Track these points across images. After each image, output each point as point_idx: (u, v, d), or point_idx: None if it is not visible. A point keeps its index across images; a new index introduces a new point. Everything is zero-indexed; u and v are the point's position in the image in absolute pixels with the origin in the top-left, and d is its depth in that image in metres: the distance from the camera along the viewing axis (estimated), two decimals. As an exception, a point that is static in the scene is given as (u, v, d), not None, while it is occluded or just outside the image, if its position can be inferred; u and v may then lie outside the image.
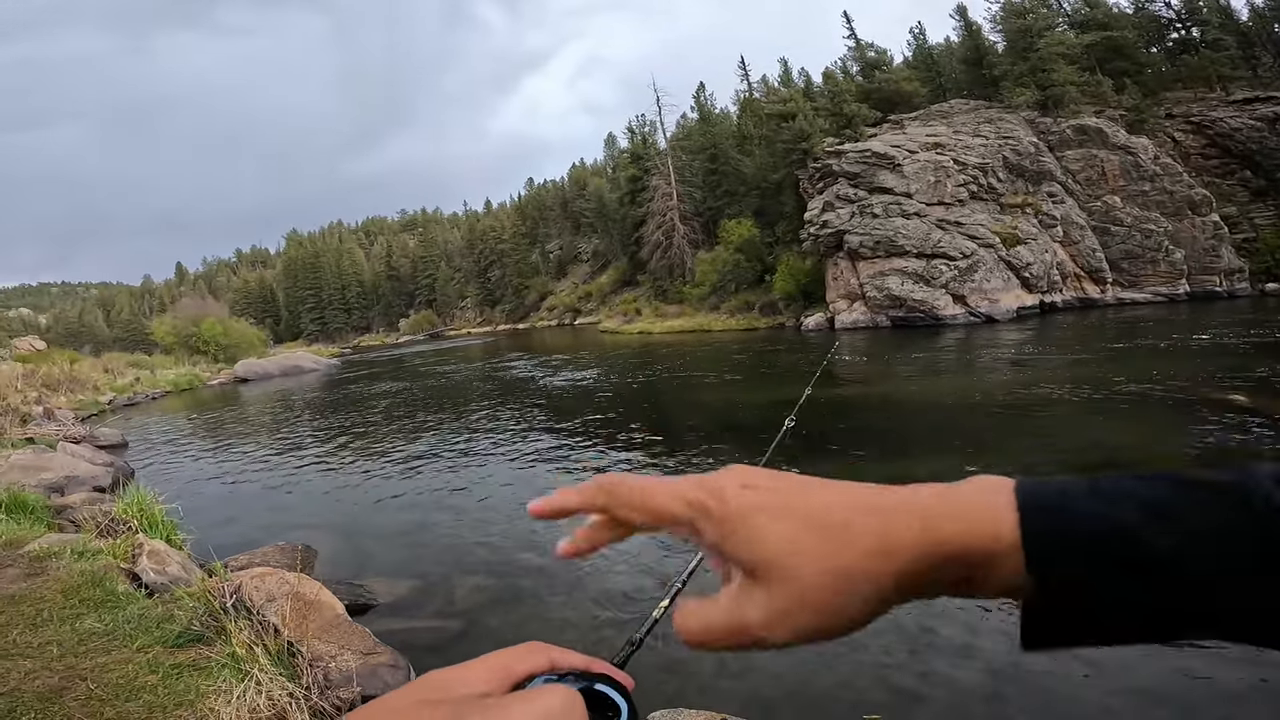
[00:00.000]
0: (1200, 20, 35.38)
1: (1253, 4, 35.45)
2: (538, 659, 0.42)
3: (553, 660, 0.43)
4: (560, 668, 0.43)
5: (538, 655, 0.43)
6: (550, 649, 0.44)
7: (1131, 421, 8.46)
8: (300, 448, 12.19)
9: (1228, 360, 11.66)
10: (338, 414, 16.55)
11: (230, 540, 6.45)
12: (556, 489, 0.43)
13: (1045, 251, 25.92)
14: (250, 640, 3.32)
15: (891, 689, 3.55)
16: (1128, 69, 34.07)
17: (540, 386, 17.89)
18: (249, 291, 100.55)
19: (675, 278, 44.03)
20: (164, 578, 4.51)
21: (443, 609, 5.03)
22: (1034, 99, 31.28)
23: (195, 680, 3.13)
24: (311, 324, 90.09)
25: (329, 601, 4.23)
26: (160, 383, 28.53)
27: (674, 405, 13.64)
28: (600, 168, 79.35)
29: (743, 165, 41.05)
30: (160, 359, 36.79)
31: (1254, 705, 3.21)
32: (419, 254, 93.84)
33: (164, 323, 43.34)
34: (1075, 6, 38.20)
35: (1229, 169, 28.29)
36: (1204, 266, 25.58)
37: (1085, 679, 3.47)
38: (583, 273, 69.04)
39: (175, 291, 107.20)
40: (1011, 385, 11.76)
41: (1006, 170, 27.91)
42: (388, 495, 8.39)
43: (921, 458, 7.87)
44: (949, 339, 20.11)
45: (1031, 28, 32.83)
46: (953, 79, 40.95)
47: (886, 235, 25.79)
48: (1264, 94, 28.83)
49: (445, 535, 6.65)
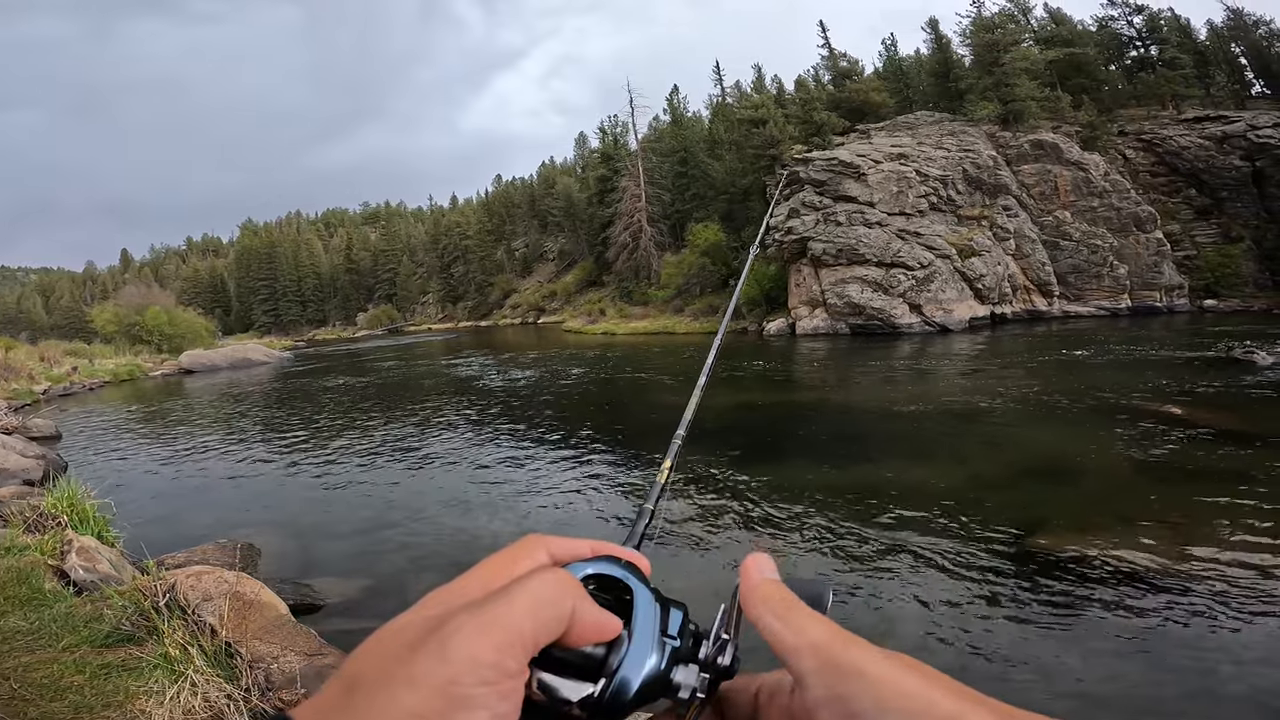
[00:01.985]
0: (1160, 39, 36.59)
1: (1211, 23, 36.92)
2: (537, 554, 0.40)
3: (551, 552, 0.40)
4: (561, 559, 0.40)
5: (536, 550, 0.40)
6: (549, 540, 0.41)
7: (1075, 430, 8.77)
8: (246, 443, 11.77)
9: (1165, 374, 12.20)
10: (288, 409, 16.05)
11: (168, 538, 6.17)
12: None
13: (998, 264, 26.71)
14: (184, 640, 3.17)
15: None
16: (1087, 85, 35.13)
17: (500, 384, 17.67)
18: (198, 281, 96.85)
19: (641, 279, 44.06)
20: (94, 575, 4.28)
21: (396, 609, 4.64)
22: (996, 113, 32.12)
23: (125, 681, 3.03)
24: (264, 315, 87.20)
25: (271, 601, 4.07)
26: (99, 373, 27.38)
27: (632, 406, 13.62)
28: (570, 167, 79.05)
29: (712, 169, 41.33)
30: (100, 348, 35.19)
31: (1197, 705, 3.33)
32: (380, 247, 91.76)
33: (105, 310, 41.37)
34: (1042, 22, 39.34)
35: (1175, 187, 29.45)
36: (1146, 282, 26.69)
37: (1032, 682, 3.56)
38: (548, 271, 68.54)
39: (119, 279, 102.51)
40: (964, 394, 12.08)
41: (965, 183, 28.67)
42: (338, 492, 8.15)
43: (878, 463, 8.01)
44: (905, 348, 20.57)
45: (999, 42, 33.63)
46: (920, 90, 41.87)
47: (849, 243, 26.23)
48: (1214, 112, 30.01)
49: (399, 534, 6.48)
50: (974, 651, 3.85)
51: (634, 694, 0.37)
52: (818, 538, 5.69)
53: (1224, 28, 36.29)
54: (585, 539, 0.42)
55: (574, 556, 0.41)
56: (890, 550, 5.31)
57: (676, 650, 0.39)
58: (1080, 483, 6.75)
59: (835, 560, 5.23)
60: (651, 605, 0.40)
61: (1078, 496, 6.34)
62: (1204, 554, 4.80)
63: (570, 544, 0.41)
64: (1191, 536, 5.10)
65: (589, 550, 0.41)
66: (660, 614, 0.40)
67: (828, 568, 5.10)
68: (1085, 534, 5.24)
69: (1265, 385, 10.49)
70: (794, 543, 5.65)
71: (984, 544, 5.26)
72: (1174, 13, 37.91)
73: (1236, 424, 8.22)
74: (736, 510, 6.50)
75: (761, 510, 6.43)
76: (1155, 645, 3.79)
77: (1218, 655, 3.65)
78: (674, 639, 0.39)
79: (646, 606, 0.40)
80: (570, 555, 0.41)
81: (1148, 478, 6.59)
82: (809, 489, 6.90)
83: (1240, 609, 4.07)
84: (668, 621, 0.40)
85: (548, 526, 6.52)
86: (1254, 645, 3.71)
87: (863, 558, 5.23)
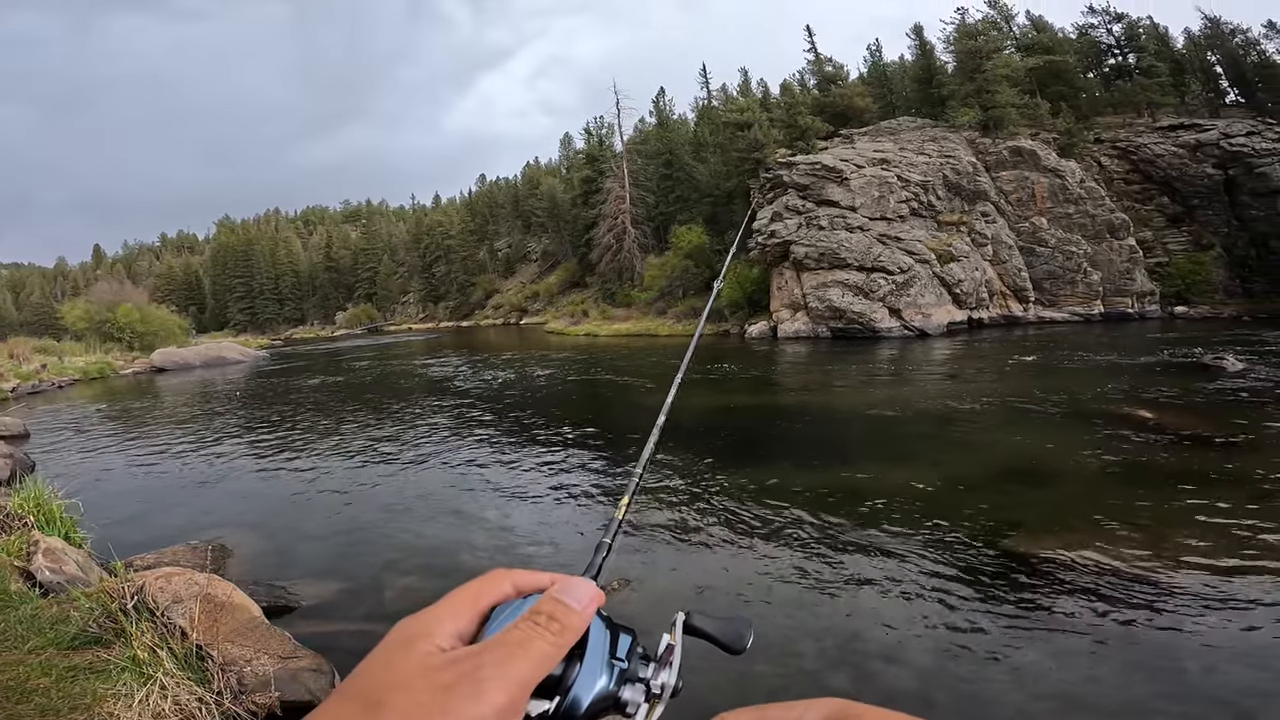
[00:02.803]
0: (1138, 47, 37.08)
1: (1189, 32, 37.30)
2: (502, 586, 0.44)
3: (516, 585, 0.44)
4: (524, 590, 0.44)
5: (501, 583, 0.44)
6: (513, 573, 0.45)
7: (1049, 434, 8.92)
8: (219, 443, 11.56)
9: (1137, 379, 12.45)
10: (262, 408, 15.80)
11: (137, 539, 6.04)
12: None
13: (976, 269, 27.08)
14: (154, 643, 3.11)
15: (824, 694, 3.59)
16: (1065, 93, 35.57)
17: (478, 385, 17.56)
18: (172, 278, 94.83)
19: (624, 281, 43.99)
20: (60, 577, 4.18)
21: (372, 611, 4.83)
22: (977, 119, 32.50)
23: (92, 683, 2.97)
24: (240, 314, 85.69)
25: (243, 604, 4.00)
26: (69, 370, 26.83)
27: (614, 407, 13.61)
28: (555, 167, 78.61)
29: (697, 172, 41.41)
30: (71, 345, 34.39)
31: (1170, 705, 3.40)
32: (361, 246, 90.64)
33: (76, 307, 40.38)
34: (1024, 30, 39.76)
35: (1149, 194, 29.98)
36: (1118, 288, 27.21)
37: (1008, 684, 3.61)
38: (531, 272, 68.19)
39: (92, 275, 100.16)
40: (941, 398, 12.23)
41: (946, 188, 29.03)
42: (314, 493, 8.03)
43: (857, 465, 8.08)
44: (885, 351, 20.78)
45: (981, 49, 33.99)
46: (903, 96, 42.22)
47: (830, 247, 26.44)
48: (1188, 120, 30.56)
49: (376, 535, 6.41)
50: (951, 653, 3.89)
51: (584, 711, 0.41)
52: (794, 539, 5.72)
53: (1200, 36, 36.64)
54: (547, 572, 0.46)
55: (535, 588, 0.45)
56: (868, 553, 5.36)
57: (624, 671, 0.44)
58: (1054, 485, 6.86)
59: (812, 562, 5.26)
60: (602, 631, 0.45)
61: (1052, 499, 6.45)
62: (1173, 556, 4.90)
63: (532, 577, 0.46)
64: (1161, 539, 5.21)
65: (549, 583, 0.45)
66: (610, 639, 0.45)
67: (805, 570, 5.13)
68: (1059, 536, 5.33)
69: (1233, 391, 10.74)
70: (772, 544, 5.68)
71: (961, 547, 5.32)
72: (1153, 21, 38.32)
73: (1205, 428, 8.41)
74: (711, 510, 6.52)
75: (737, 512, 6.45)
76: (1129, 646, 3.85)
77: (1188, 655, 3.73)
78: (622, 661, 0.44)
79: (597, 632, 0.45)
80: (532, 587, 0.45)
81: (1119, 481, 6.72)
82: (787, 491, 6.94)
83: (1208, 609, 4.16)
84: (617, 645, 0.45)
85: (523, 528, 6.49)
86: (1223, 645, 3.79)
87: (840, 560, 5.27)
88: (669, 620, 0.50)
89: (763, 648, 4.04)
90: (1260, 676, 3.50)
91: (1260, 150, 27.02)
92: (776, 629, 4.28)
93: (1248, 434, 7.98)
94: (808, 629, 4.27)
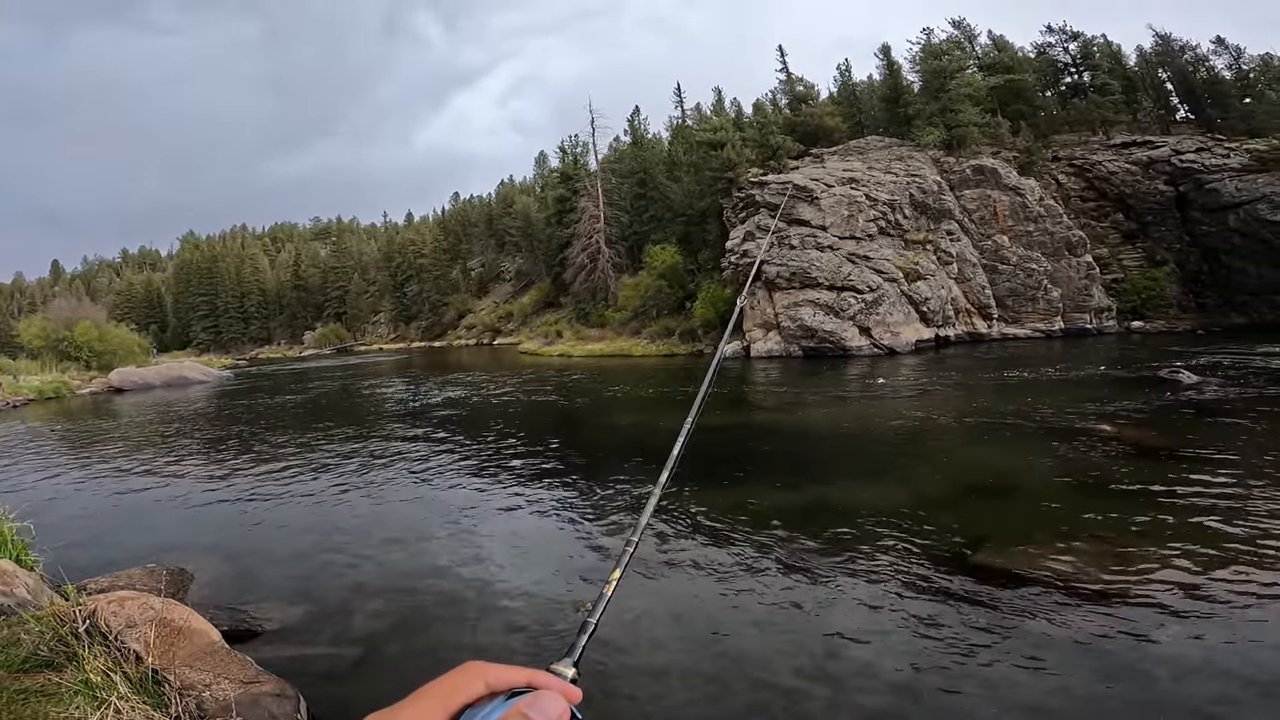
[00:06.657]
0: (1092, 65, 38.26)
1: (1141, 49, 38.55)
2: (474, 685, 0.42)
3: (489, 683, 0.43)
4: (497, 688, 0.43)
5: (474, 681, 0.43)
6: (486, 670, 0.43)
7: (1013, 448, 9.12)
8: (179, 464, 11.23)
9: (1097, 393, 12.81)
10: (224, 429, 15.40)
11: (92, 561, 5.82)
12: None
13: (942, 288, 27.70)
14: (107, 667, 2.98)
15: (800, 715, 3.58)
16: (1024, 111, 36.64)
17: (450, 407, 17.36)
18: (133, 295, 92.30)
19: (598, 301, 43.99)
20: (11, 600, 4.01)
21: (339, 635, 4.70)
22: (941, 139, 33.34)
23: (44, 706, 2.88)
24: (203, 333, 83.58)
25: (201, 628, 3.87)
26: (23, 389, 26.06)
27: (587, 429, 13.55)
28: (529, 186, 78.60)
29: (670, 191, 41.74)
30: (26, 364, 33.19)
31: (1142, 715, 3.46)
32: (331, 264, 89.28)
33: (32, 324, 38.98)
34: (985, 49, 41.04)
35: (1104, 211, 30.96)
36: (1077, 305, 28.04)
37: (982, 696, 3.64)
38: (504, 292, 67.82)
39: (49, 291, 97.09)
40: (909, 415, 12.43)
41: (912, 207, 29.70)
42: (277, 516, 7.82)
43: (826, 482, 8.15)
44: (855, 369, 21.07)
45: (946, 69, 34.97)
46: (871, 115, 43.05)
47: (802, 267, 26.80)
48: (1140, 138, 31.64)
49: (342, 558, 6.26)
50: (924, 668, 3.92)
51: None
52: (766, 559, 5.74)
53: (1152, 53, 37.80)
54: (523, 669, 0.45)
55: (509, 686, 0.44)
56: (840, 571, 5.39)
57: None
58: (1019, 500, 6.99)
59: (781, 579, 5.28)
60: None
61: (1017, 513, 6.56)
62: (1136, 568, 5.01)
63: (507, 674, 0.44)
64: (1125, 550, 5.32)
65: (524, 681, 0.44)
66: None
67: (777, 590, 5.14)
68: (1025, 550, 5.42)
69: (1189, 404, 11.12)
70: (744, 564, 5.68)
71: (930, 562, 5.38)
72: (1106, 39, 39.53)
73: (1163, 441, 8.68)
74: (683, 534, 6.51)
75: (710, 532, 6.45)
76: (1098, 656, 3.91)
77: (1157, 664, 3.79)
78: None
79: None
80: (506, 685, 0.44)
81: (1083, 494, 6.87)
82: (758, 510, 6.96)
83: (1174, 619, 4.25)
84: None
85: (491, 550, 6.40)
86: (1188, 655, 3.86)
87: (812, 579, 5.29)
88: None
89: (740, 668, 4.03)
90: (1228, 685, 3.58)
91: (1210, 166, 27.88)
92: (752, 649, 4.27)
93: (1202, 447, 8.24)
94: (781, 649, 4.27)
